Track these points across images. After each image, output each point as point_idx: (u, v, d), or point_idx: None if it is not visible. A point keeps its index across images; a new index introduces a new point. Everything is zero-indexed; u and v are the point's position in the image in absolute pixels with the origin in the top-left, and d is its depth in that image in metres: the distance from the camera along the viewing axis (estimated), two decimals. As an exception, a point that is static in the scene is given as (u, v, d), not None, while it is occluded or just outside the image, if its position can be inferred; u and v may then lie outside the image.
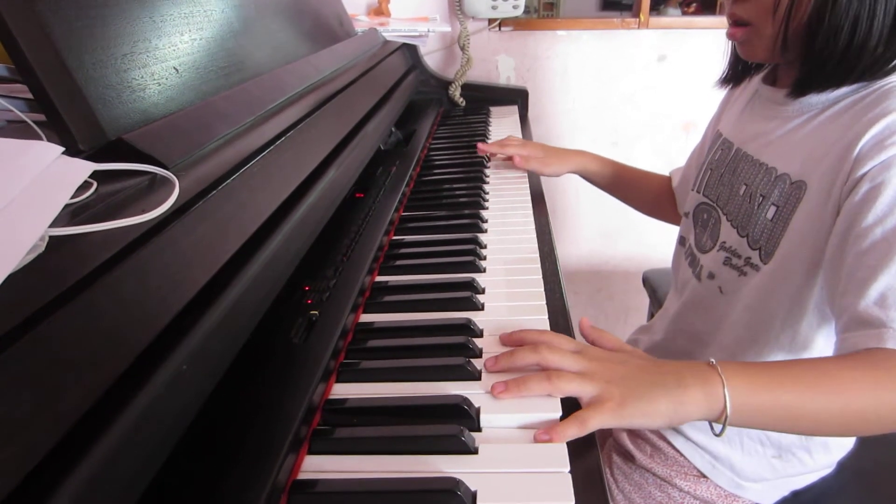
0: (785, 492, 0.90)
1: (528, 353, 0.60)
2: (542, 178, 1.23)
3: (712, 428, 0.58)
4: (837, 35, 0.68)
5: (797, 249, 0.74)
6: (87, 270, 0.38)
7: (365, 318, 0.74)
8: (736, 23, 0.78)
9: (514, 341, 0.65)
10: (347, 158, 0.91)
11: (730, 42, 0.85)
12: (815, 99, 0.75)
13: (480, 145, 1.27)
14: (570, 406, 0.57)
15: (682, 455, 0.91)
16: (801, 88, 0.75)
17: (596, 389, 0.57)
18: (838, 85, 0.72)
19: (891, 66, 0.69)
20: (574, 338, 0.65)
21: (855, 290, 0.63)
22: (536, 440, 0.53)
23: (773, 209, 0.77)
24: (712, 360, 0.59)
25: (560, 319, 0.72)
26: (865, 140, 0.66)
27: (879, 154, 0.65)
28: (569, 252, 2.15)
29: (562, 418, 0.55)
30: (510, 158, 1.22)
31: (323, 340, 0.64)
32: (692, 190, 0.99)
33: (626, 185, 1.23)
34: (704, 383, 0.57)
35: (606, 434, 1.09)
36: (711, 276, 0.89)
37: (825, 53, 0.69)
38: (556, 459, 0.51)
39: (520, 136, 1.54)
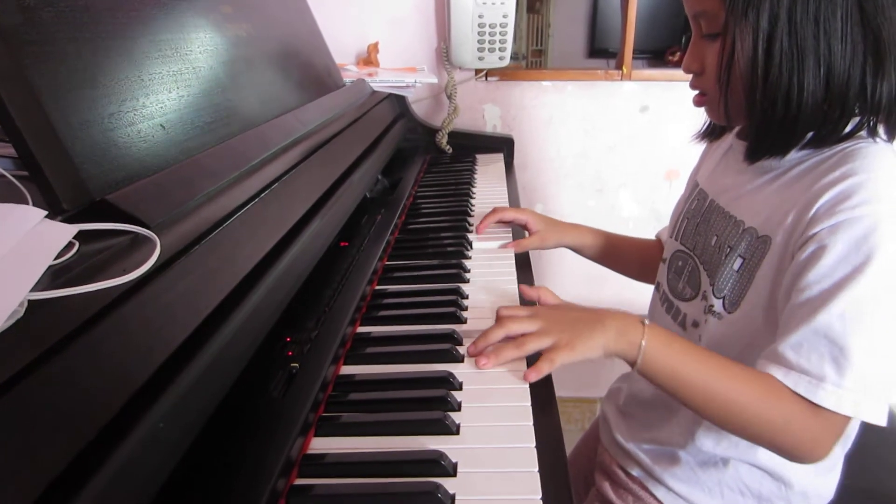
0: (766, 544, 0.90)
1: (497, 330, 0.76)
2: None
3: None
4: (774, 107, 0.71)
5: (761, 301, 0.76)
6: (63, 333, 0.38)
7: (346, 369, 0.74)
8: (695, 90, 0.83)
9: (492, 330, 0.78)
10: (332, 208, 0.93)
11: None
12: (776, 161, 0.78)
13: (480, 232, 1.20)
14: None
15: (663, 506, 0.91)
16: (752, 154, 0.79)
17: (552, 339, 0.73)
18: (785, 151, 0.75)
19: (844, 132, 0.72)
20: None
21: (781, 335, 0.69)
22: (525, 379, 0.70)
23: (739, 261, 0.80)
24: (647, 320, 0.74)
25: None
26: (821, 202, 0.69)
27: (830, 218, 0.67)
28: (555, 297, 2.16)
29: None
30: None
31: (303, 394, 0.65)
32: (670, 237, 1.01)
33: (616, 255, 1.22)
34: (630, 330, 0.73)
35: (590, 483, 1.08)
36: (696, 324, 0.90)
37: (765, 123, 0.73)
38: (531, 516, 0.52)
39: (505, 183, 1.56)
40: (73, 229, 0.42)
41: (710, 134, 0.97)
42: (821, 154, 0.74)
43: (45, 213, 0.42)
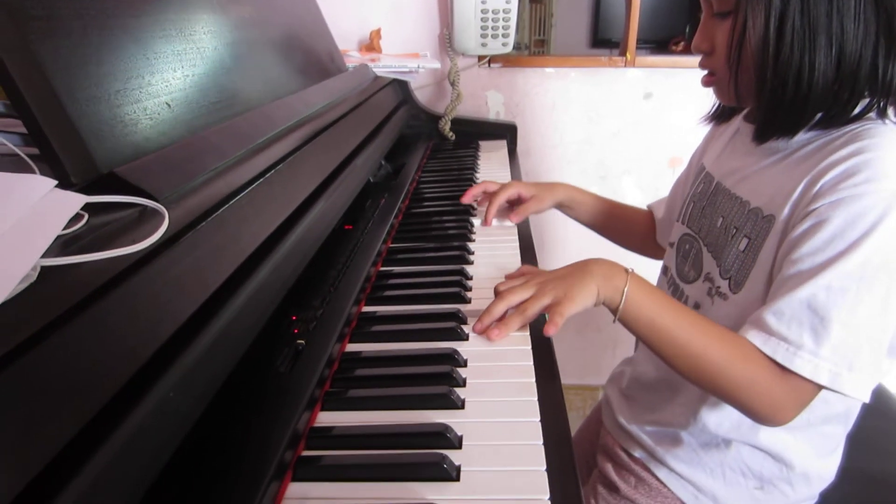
0: (768, 523, 0.90)
1: (498, 304, 0.79)
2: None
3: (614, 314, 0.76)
4: (784, 86, 0.71)
5: (764, 280, 0.77)
6: (76, 300, 0.39)
7: (351, 347, 0.75)
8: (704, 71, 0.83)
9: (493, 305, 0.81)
10: (336, 191, 0.93)
11: None
12: (784, 142, 0.78)
13: (465, 199, 1.22)
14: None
15: (665, 486, 0.91)
16: (760, 135, 0.79)
17: (550, 297, 0.76)
18: (793, 132, 0.75)
19: (853, 114, 0.72)
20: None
21: (767, 302, 0.71)
22: (545, 333, 0.73)
23: (745, 241, 0.80)
24: (632, 268, 0.77)
25: (543, 346, 0.73)
26: (826, 179, 0.69)
27: (833, 194, 0.68)
28: (558, 284, 2.16)
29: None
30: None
31: (309, 369, 0.65)
32: (677, 221, 1.01)
33: (612, 219, 1.23)
34: (613, 276, 0.76)
35: (592, 465, 1.09)
36: (697, 306, 0.90)
37: (775, 103, 0.73)
38: (537, 486, 0.52)
39: (508, 170, 1.56)
40: (82, 198, 0.43)
41: (719, 116, 0.97)
42: (829, 135, 0.74)
43: (55, 182, 0.43)
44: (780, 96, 0.72)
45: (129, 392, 0.42)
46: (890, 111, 0.72)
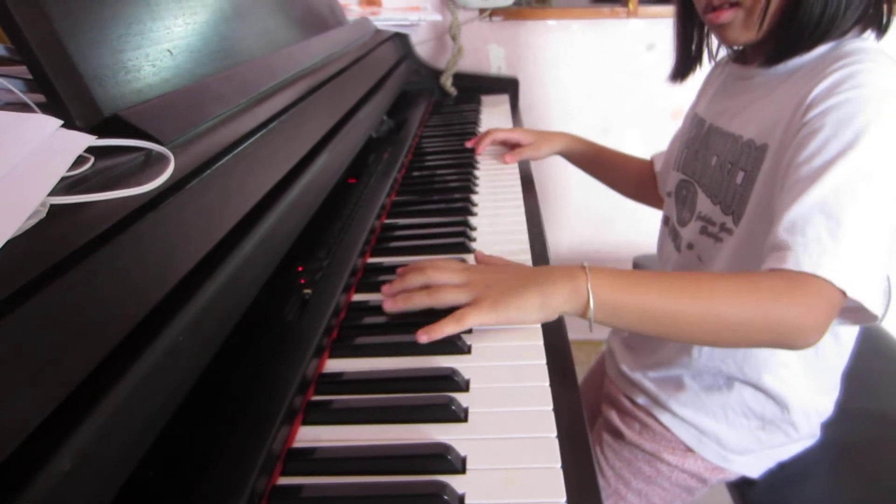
0: (771, 463, 0.92)
1: (416, 275, 0.68)
2: (533, 165, 1.24)
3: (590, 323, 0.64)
4: (814, 6, 0.71)
5: (761, 209, 0.77)
6: (86, 239, 0.39)
7: (357, 297, 0.75)
8: (721, 5, 0.78)
9: (405, 270, 0.72)
10: (340, 143, 0.92)
11: (677, 38, 0.97)
12: (779, 69, 0.79)
13: (469, 143, 1.28)
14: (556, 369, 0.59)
15: (669, 430, 0.93)
16: (779, 56, 0.78)
17: (472, 295, 0.64)
18: (811, 48, 0.75)
19: (853, 23, 0.73)
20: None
21: (776, 221, 0.66)
22: (418, 339, 0.61)
23: (741, 174, 0.81)
24: (585, 263, 0.64)
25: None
26: (815, 93, 0.70)
27: (824, 102, 0.68)
28: (560, 239, 2.17)
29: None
30: (508, 145, 1.26)
31: (316, 318, 0.66)
32: (673, 169, 1.02)
33: (608, 167, 1.27)
34: (571, 279, 0.63)
35: (596, 414, 1.11)
36: (690, 246, 0.92)
37: (804, 22, 0.72)
38: (544, 425, 0.53)
39: (511, 125, 1.55)
40: (89, 138, 0.42)
41: (680, 73, 1.02)
42: (816, 61, 0.75)
43: (61, 122, 0.42)
44: (808, 16, 0.72)
45: (140, 335, 0.42)
46: (872, 36, 0.75)
